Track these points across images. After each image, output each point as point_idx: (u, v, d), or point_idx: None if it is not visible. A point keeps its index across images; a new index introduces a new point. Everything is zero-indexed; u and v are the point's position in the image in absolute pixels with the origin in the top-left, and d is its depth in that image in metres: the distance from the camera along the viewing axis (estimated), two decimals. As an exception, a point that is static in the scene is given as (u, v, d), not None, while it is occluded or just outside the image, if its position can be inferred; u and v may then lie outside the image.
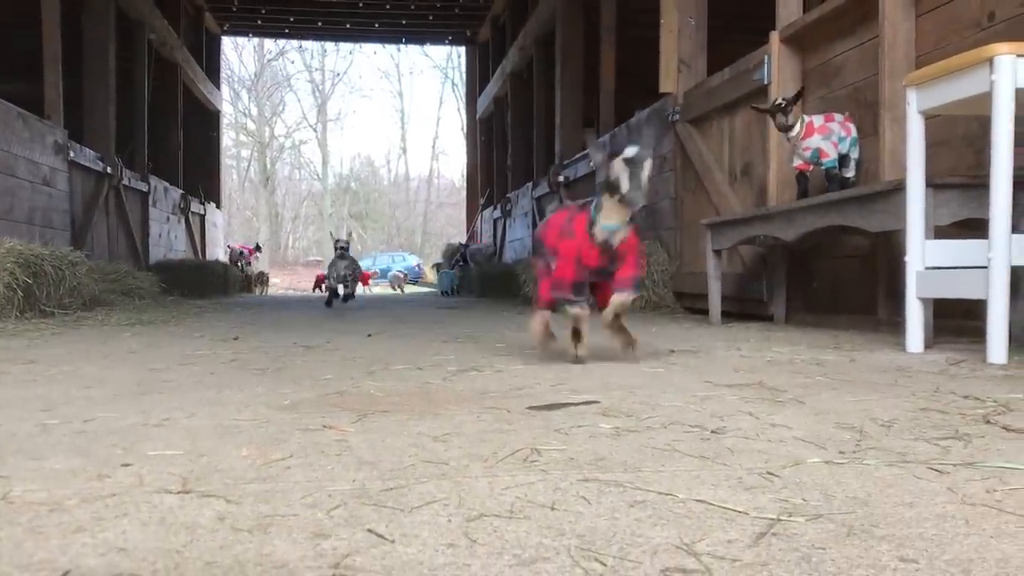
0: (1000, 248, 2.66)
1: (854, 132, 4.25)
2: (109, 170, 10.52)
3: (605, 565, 0.87)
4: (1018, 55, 2.64)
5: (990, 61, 2.66)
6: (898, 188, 3.16)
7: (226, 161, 34.63)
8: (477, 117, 19.31)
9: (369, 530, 0.99)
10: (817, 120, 4.24)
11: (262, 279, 17.97)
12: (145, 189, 12.40)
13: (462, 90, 27.00)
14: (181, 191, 14.90)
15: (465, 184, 22.00)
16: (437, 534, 0.97)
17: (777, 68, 5.11)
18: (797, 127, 4.25)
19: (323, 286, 12.40)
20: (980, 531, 0.98)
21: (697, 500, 1.11)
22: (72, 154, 9.11)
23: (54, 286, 5.95)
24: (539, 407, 1.89)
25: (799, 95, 4.39)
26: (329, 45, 43.66)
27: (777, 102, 4.32)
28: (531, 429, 1.62)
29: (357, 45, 37.33)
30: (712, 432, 1.58)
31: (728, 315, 5.34)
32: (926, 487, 1.18)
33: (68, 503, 1.10)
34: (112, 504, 1.10)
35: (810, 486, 1.18)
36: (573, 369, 2.66)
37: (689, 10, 6.82)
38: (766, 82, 5.20)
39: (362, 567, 0.87)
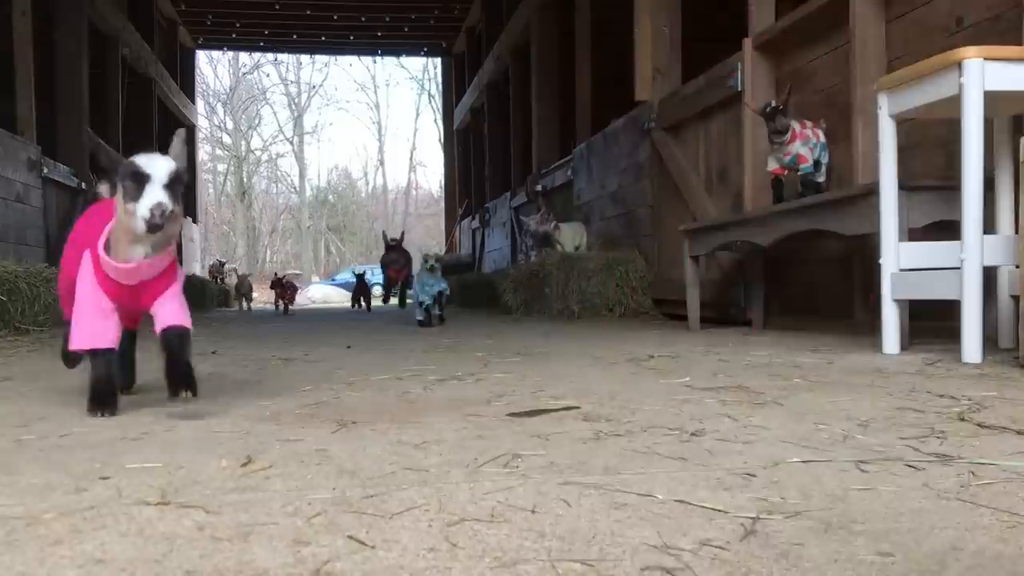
0: (973, 249, 2.70)
1: (823, 138, 4.30)
2: (84, 186, 10.43)
3: (586, 565, 0.88)
4: (986, 59, 2.67)
5: (959, 65, 2.70)
6: (871, 191, 3.19)
7: (202, 175, 34.40)
8: (454, 128, 19.35)
9: (350, 536, 0.98)
10: (797, 126, 4.27)
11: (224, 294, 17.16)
12: (120, 204, 12.27)
13: (439, 101, 27.05)
14: (157, 206, 14.76)
15: (443, 195, 22.01)
16: (418, 539, 0.97)
17: (750, 75, 5.16)
18: (788, 133, 4.20)
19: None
20: (955, 525, 1.00)
21: (677, 501, 1.12)
22: (46, 170, 9.02)
23: (28, 303, 5.88)
24: (519, 414, 1.89)
25: (789, 95, 4.27)
26: (304, 58, 43.58)
27: (774, 105, 4.20)
28: (512, 435, 1.62)
29: (333, 57, 37.35)
30: (691, 434, 1.59)
31: (706, 321, 5.37)
32: (902, 483, 1.19)
33: (45, 516, 1.09)
34: (90, 516, 1.09)
35: (788, 485, 1.19)
36: (552, 376, 2.66)
37: (663, 18, 6.87)
38: (739, 88, 5.24)
39: (343, 572, 0.87)
